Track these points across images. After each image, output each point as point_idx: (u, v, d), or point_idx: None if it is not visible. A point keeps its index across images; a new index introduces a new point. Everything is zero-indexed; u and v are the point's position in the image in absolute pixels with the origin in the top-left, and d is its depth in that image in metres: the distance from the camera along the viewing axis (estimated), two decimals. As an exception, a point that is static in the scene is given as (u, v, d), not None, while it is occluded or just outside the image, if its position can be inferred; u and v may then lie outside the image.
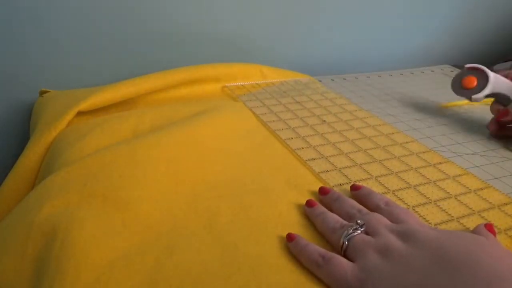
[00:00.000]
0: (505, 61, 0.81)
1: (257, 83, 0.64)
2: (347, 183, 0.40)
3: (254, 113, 0.53)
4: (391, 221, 0.32)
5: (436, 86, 0.71)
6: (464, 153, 0.47)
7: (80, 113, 0.49)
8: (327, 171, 0.42)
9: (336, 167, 0.43)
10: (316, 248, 0.30)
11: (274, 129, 0.50)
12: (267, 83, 0.65)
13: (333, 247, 0.31)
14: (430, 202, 0.38)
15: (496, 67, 0.81)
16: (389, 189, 0.39)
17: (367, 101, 0.61)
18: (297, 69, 0.72)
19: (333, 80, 0.71)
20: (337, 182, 0.40)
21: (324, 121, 0.53)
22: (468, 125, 0.55)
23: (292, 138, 0.48)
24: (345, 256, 0.30)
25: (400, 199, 0.38)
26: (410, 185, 0.40)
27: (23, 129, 0.63)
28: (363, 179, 0.41)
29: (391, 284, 0.26)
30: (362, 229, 0.31)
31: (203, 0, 0.65)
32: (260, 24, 0.71)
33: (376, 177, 0.41)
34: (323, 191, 0.37)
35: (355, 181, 0.40)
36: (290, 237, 0.32)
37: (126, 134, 0.45)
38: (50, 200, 0.33)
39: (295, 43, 0.76)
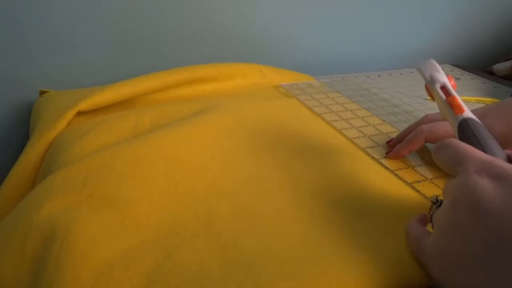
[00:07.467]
0: (505, 61, 0.81)
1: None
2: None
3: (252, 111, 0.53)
4: None
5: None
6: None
7: (80, 113, 0.49)
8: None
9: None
10: None
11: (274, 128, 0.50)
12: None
13: None
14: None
15: (495, 66, 0.81)
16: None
17: (367, 100, 0.61)
18: (297, 69, 0.72)
19: (332, 80, 0.71)
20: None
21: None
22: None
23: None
24: None
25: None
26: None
27: (23, 129, 0.63)
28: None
29: None
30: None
31: (203, 0, 0.65)
32: (260, 24, 0.71)
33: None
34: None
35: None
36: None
37: (125, 134, 0.45)
38: (49, 200, 0.33)
39: (295, 43, 0.76)
